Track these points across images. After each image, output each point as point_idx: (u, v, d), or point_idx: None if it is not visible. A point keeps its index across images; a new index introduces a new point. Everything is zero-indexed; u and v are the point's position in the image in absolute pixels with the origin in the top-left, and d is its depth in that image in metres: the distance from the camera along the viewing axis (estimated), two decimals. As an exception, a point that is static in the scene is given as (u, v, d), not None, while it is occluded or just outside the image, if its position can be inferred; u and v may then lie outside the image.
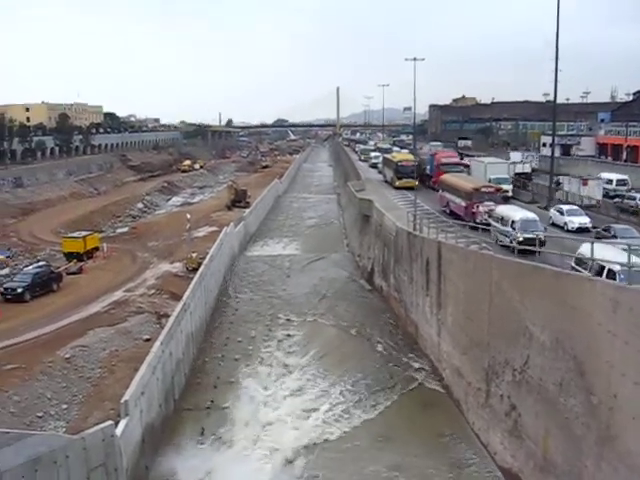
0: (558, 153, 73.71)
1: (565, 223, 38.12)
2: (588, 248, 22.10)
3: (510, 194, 49.90)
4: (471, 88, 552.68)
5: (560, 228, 38.13)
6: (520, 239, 28.88)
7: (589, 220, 37.71)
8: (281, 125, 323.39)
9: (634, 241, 24.56)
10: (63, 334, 34.92)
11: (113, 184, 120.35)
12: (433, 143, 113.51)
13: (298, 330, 41.07)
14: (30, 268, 47.92)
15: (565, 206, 41.11)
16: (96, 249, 56.88)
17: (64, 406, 27.48)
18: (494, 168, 53.50)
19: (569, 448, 19.48)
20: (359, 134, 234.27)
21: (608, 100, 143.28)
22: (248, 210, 77.44)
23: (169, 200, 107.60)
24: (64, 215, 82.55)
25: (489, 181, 48.17)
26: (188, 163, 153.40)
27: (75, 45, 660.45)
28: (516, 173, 58.91)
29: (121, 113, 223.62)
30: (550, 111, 65.73)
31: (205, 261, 45.38)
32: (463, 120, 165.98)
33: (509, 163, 59.66)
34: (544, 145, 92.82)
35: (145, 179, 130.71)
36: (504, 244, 30.85)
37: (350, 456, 26.44)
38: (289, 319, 43.09)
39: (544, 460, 21.02)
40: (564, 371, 19.73)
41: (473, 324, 27.98)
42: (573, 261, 24.31)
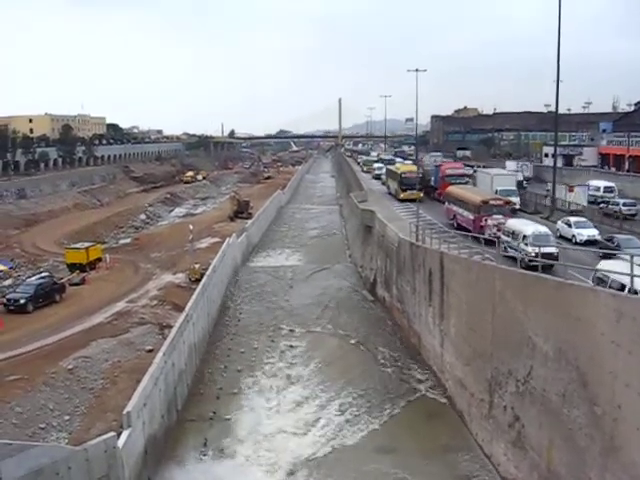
0: (560, 163, 73.85)
1: (573, 235, 37.54)
2: (607, 265, 21.85)
3: (518, 206, 48.99)
4: (473, 99, 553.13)
5: (568, 240, 37.62)
6: (532, 254, 28.18)
7: (598, 232, 37.07)
8: (283, 136, 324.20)
9: (638, 251, 24.57)
10: (66, 345, 34.89)
11: (116, 195, 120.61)
12: (433, 154, 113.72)
13: (301, 341, 41.04)
14: (33, 279, 47.96)
15: (573, 218, 40.50)
16: (99, 260, 56.91)
17: (66, 417, 27.43)
18: (501, 180, 52.66)
19: (573, 459, 19.40)
20: (361, 145, 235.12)
21: (610, 110, 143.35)
22: (251, 221, 77.49)
23: (172, 211, 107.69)
24: (67, 226, 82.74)
25: (496, 193, 47.47)
26: (191, 174, 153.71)
27: (78, 57, 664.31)
28: None
29: (124, 124, 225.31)
30: (552, 121, 65.97)
31: (208, 272, 45.37)
32: (465, 131, 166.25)
33: (516, 175, 58.85)
34: (546, 155, 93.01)
35: (148, 190, 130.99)
36: (514, 258, 29.14)
37: (353, 468, 26.32)
38: (292, 330, 43.05)
39: (548, 471, 20.92)
40: (567, 382, 19.67)
41: (476, 335, 27.92)
42: (591, 278, 23.67)
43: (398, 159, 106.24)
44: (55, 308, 42.75)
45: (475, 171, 67.06)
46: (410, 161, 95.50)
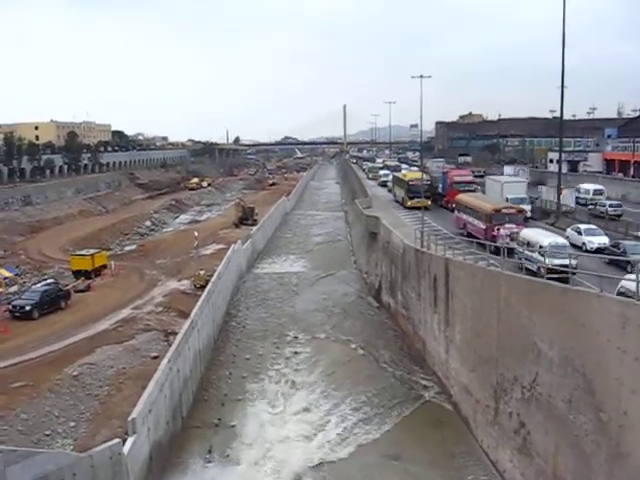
0: (565, 169, 73.71)
1: (584, 243, 36.20)
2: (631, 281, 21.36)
3: (529, 214, 46.60)
4: (478, 105, 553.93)
5: (578, 248, 35.76)
6: (549, 266, 26.68)
7: (608, 240, 35.73)
8: (288, 143, 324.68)
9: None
10: (71, 352, 34.91)
11: (121, 202, 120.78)
12: (435, 160, 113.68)
13: (305, 347, 41.02)
14: (38, 286, 48.04)
15: (583, 225, 39.28)
16: (104, 267, 56.98)
17: (72, 424, 27.40)
18: (512, 187, 51.21)
19: (579, 466, 19.34)
20: (366, 151, 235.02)
21: (615, 116, 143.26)
22: (256, 227, 77.56)
23: (177, 218, 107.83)
24: (72, 233, 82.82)
25: (506, 201, 46.08)
26: (196, 181, 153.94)
27: (82, 65, 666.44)
28: None
29: (129, 131, 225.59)
30: (557, 127, 65.59)
31: (213, 278, 45.41)
32: (470, 137, 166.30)
33: (527, 182, 57.12)
34: (551, 161, 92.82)
35: (153, 197, 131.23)
36: (530, 270, 28.33)
37: (358, 474, 26.33)
38: (297, 336, 43.03)
39: (554, 478, 20.86)
40: (573, 388, 19.62)
41: (481, 341, 27.87)
42: (615, 292, 22.07)
43: (404, 166, 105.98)
44: (60, 315, 42.78)
45: (483, 177, 66.64)
46: (415, 168, 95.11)
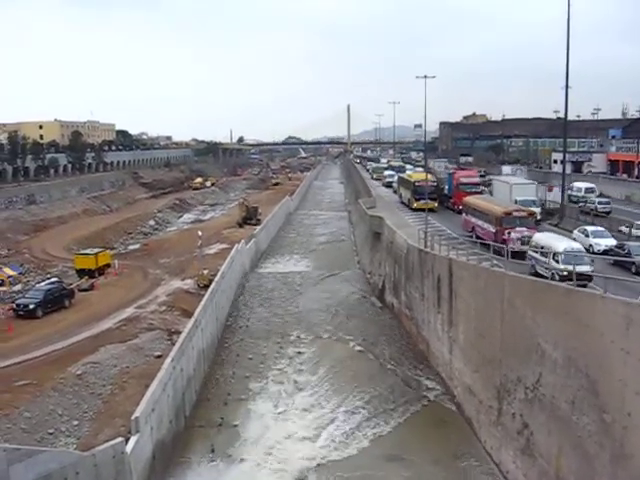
0: (569, 170, 73.60)
1: (591, 245, 35.66)
2: None
3: (539, 217, 45.22)
4: (482, 105, 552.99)
5: (585, 251, 34.62)
6: (564, 273, 25.52)
7: (616, 242, 35.35)
8: (292, 143, 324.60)
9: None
10: (74, 350, 34.99)
11: (125, 201, 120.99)
12: (438, 160, 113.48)
13: (309, 347, 41.01)
14: (42, 284, 48.16)
15: (590, 227, 38.97)
16: (108, 266, 57.10)
17: (75, 422, 27.47)
18: (521, 189, 50.06)
19: (582, 467, 19.29)
20: (370, 151, 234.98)
21: (619, 117, 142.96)
22: (259, 227, 77.56)
23: (180, 217, 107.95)
24: (76, 232, 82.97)
25: (515, 203, 45.01)
26: (199, 180, 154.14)
27: (86, 64, 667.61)
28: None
29: (133, 131, 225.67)
30: (561, 128, 65.66)
31: (216, 278, 45.44)
32: (474, 137, 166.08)
33: (535, 183, 55.76)
34: (555, 162, 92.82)
35: (157, 196, 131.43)
36: (544, 277, 27.61)
37: (361, 475, 26.27)
38: (300, 336, 43.01)
39: (557, 479, 20.80)
40: (577, 389, 19.58)
41: (485, 341, 27.83)
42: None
43: (409, 166, 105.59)
44: (64, 313, 42.89)
45: (484, 177, 66.39)
46: (420, 168, 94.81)
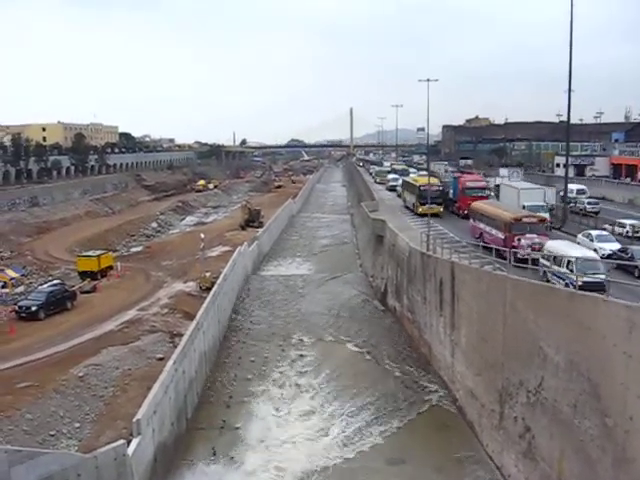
0: (572, 174, 73.54)
1: (595, 250, 34.77)
2: None
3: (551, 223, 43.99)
4: (485, 108, 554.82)
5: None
6: (579, 283, 23.95)
7: (620, 246, 34.74)
8: (295, 145, 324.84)
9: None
10: (77, 352, 34.98)
11: (128, 203, 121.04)
12: (438, 163, 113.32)
13: (311, 350, 40.99)
14: (45, 286, 48.11)
15: (594, 232, 38.45)
16: (110, 268, 57.13)
17: (76, 424, 27.45)
18: (529, 194, 48.51)
19: (584, 471, 19.26)
20: (372, 154, 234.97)
21: (622, 120, 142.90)
22: (262, 230, 77.59)
23: (183, 220, 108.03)
24: (79, 234, 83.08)
25: (523, 208, 43.62)
26: (202, 183, 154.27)
27: (89, 64, 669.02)
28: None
29: (136, 133, 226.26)
30: (564, 131, 65.45)
31: (219, 280, 45.44)
32: (476, 140, 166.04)
33: (544, 188, 54.03)
34: (558, 165, 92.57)
35: (159, 199, 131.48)
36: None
37: (363, 477, 26.27)
38: (302, 339, 43.01)
39: (559, 483, 20.78)
40: (579, 393, 19.55)
41: (487, 345, 27.81)
42: None
43: (412, 170, 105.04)
44: (66, 315, 42.87)
45: (497, 184, 65.59)
46: (424, 172, 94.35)
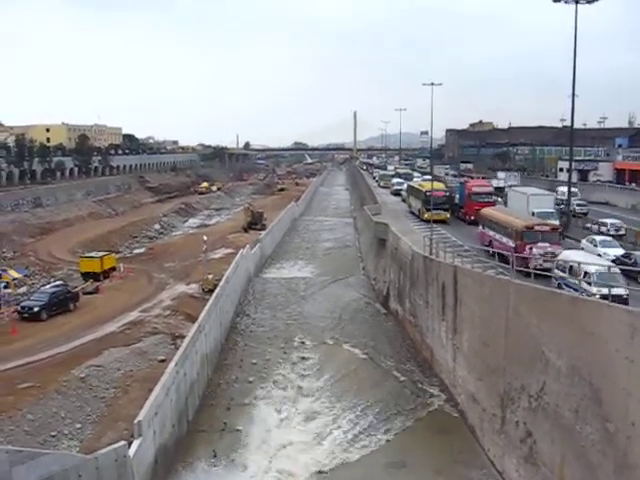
0: (575, 179, 73.50)
1: (599, 255, 34.56)
2: None
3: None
4: (488, 113, 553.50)
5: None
6: (597, 296, 23.07)
7: (624, 252, 34.72)
8: (298, 148, 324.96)
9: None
10: (78, 353, 35.03)
11: (131, 205, 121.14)
12: (440, 167, 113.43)
13: (313, 353, 40.96)
14: (47, 287, 48.19)
15: (598, 237, 38.53)
16: (113, 269, 57.21)
17: (78, 425, 27.48)
18: (538, 200, 46.88)
19: (585, 476, 19.21)
20: (376, 158, 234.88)
21: (626, 125, 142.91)
22: (264, 232, 77.57)
23: (186, 222, 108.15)
24: (82, 235, 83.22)
25: (532, 215, 42.39)
26: (205, 185, 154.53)
27: (91, 64, 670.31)
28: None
29: (140, 135, 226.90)
30: (567, 136, 65.59)
31: (221, 283, 45.46)
32: (480, 145, 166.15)
33: (555, 195, 54.05)
34: (561, 170, 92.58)
35: (163, 200, 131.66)
36: None
37: (363, 481, 26.27)
38: (304, 342, 42.98)
39: (560, 488, 20.73)
40: (580, 398, 19.52)
41: (489, 349, 27.77)
42: None
43: (415, 174, 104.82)
44: (69, 316, 42.92)
45: (504, 189, 65.19)
46: (428, 176, 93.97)
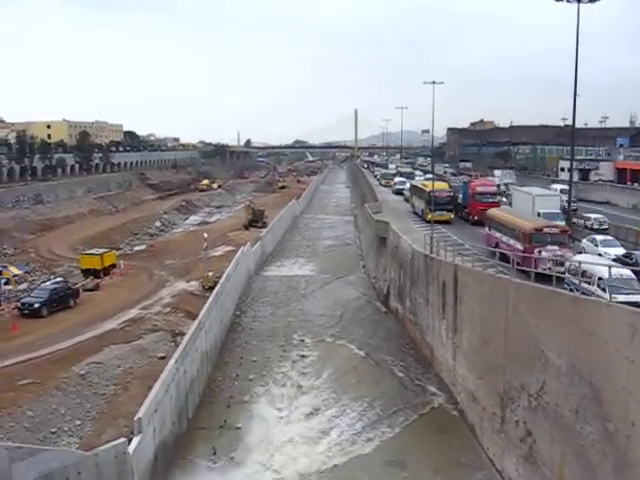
0: (576, 178, 73.42)
1: (600, 255, 34.44)
2: None
3: None
4: (490, 112, 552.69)
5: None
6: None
7: (625, 251, 34.28)
8: (299, 146, 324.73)
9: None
10: (78, 350, 35.04)
11: (132, 202, 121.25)
12: (440, 165, 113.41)
13: (313, 351, 40.96)
14: (48, 284, 48.28)
15: (599, 236, 38.24)
16: (113, 266, 57.26)
17: (77, 422, 27.49)
18: (544, 201, 45.59)
19: (585, 476, 19.21)
20: (377, 156, 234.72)
21: (627, 125, 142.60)
22: (265, 230, 77.63)
23: (187, 219, 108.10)
24: (82, 232, 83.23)
25: (538, 216, 41.55)
26: (206, 182, 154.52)
27: (92, 63, 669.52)
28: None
29: (141, 132, 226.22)
30: (568, 135, 65.32)
31: (221, 280, 45.47)
32: (481, 143, 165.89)
33: (560, 195, 51.94)
34: (562, 169, 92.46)
35: (163, 198, 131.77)
36: None
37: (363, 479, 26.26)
38: (304, 340, 42.99)
39: (560, 488, 20.73)
40: (580, 397, 19.51)
41: (489, 348, 27.77)
42: None
43: (417, 172, 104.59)
44: (69, 313, 42.97)
45: (500, 187, 65.06)
46: (430, 175, 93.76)
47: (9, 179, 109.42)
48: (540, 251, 32.33)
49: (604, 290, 23.31)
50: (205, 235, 62.92)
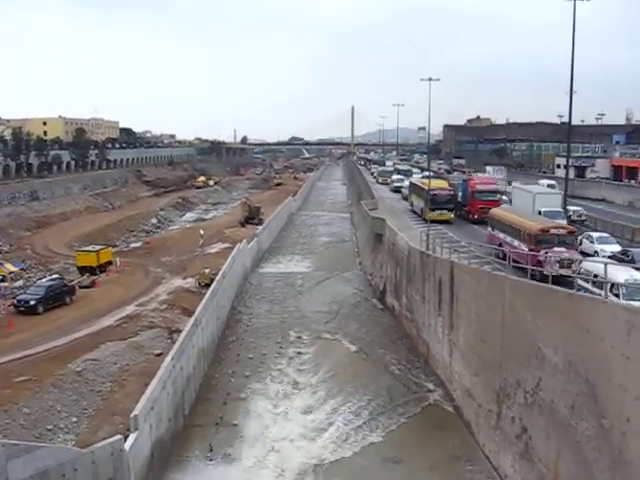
0: (573, 175, 73.55)
1: (596, 252, 34.79)
2: None
3: None
4: (486, 109, 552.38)
5: (590, 256, 34.55)
6: None
7: (621, 248, 34.26)
8: (296, 143, 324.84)
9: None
10: (75, 347, 35.03)
11: (128, 199, 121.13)
12: (434, 162, 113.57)
13: (309, 348, 40.99)
14: (44, 281, 48.20)
15: (595, 233, 38.22)
16: (109, 263, 57.20)
17: (74, 419, 27.51)
18: (545, 199, 44.88)
19: (580, 472, 19.25)
20: (373, 153, 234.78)
21: (623, 122, 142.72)
22: (261, 227, 77.60)
23: (183, 216, 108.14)
24: (78, 229, 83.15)
25: (539, 214, 40.68)
26: (202, 179, 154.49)
27: (93, 61, 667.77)
28: None
29: (137, 129, 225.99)
30: (565, 132, 65.36)
31: (218, 277, 45.42)
32: (477, 140, 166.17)
33: (562, 193, 50.93)
34: (558, 166, 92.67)
35: (159, 194, 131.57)
36: None
37: (359, 477, 26.28)
38: (300, 337, 43.01)
39: (555, 484, 20.78)
40: (576, 394, 19.54)
41: (485, 345, 27.80)
42: None
43: (415, 170, 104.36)
44: (65, 310, 42.94)
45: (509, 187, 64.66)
46: (426, 172, 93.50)
47: (5, 176, 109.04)
48: (547, 253, 30.41)
49: (617, 296, 22.35)
50: (201, 232, 62.74)
